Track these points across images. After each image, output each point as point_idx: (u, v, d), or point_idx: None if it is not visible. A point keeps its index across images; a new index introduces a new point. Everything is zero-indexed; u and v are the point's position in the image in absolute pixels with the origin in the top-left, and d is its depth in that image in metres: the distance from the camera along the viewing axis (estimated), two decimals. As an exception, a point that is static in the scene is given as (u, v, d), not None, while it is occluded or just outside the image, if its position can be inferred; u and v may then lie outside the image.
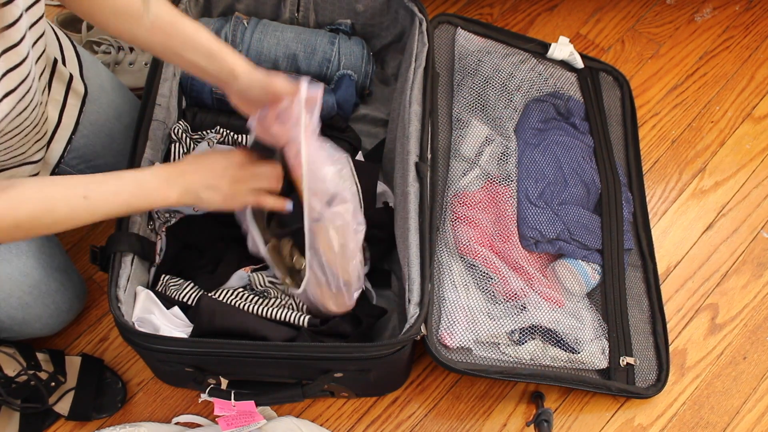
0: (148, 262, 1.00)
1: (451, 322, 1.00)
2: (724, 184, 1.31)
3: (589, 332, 1.06)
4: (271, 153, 0.94)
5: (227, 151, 0.93)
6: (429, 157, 1.04)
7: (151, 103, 1.02)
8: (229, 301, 0.95)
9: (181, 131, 1.08)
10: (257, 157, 0.94)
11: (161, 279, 0.99)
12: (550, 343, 1.04)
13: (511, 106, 1.22)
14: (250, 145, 0.96)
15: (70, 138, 1.01)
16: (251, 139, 0.95)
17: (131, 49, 1.31)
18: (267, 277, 1.00)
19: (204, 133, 1.11)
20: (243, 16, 1.19)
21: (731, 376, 1.14)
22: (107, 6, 0.82)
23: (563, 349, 1.04)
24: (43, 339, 1.10)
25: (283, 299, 0.98)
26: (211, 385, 0.92)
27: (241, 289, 0.99)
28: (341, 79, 1.18)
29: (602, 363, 1.06)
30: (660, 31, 1.48)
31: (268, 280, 1.00)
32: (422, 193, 0.98)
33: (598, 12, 1.49)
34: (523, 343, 1.03)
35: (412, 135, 1.02)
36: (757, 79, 1.42)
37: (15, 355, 1.01)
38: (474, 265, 1.06)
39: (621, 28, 1.48)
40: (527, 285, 1.07)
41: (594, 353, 1.05)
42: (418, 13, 1.14)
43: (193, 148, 1.08)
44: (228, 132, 1.12)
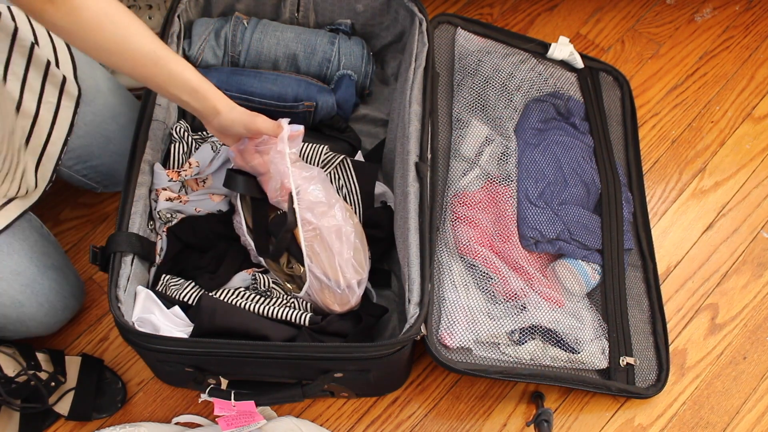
0: (149, 262, 1.00)
1: (451, 322, 1.00)
2: (724, 184, 1.31)
3: (589, 332, 1.06)
4: (252, 177, 1.00)
5: None
6: (429, 157, 1.04)
7: (151, 103, 1.02)
8: (230, 300, 0.95)
9: (182, 131, 1.08)
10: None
11: (162, 279, 0.99)
12: (550, 343, 1.04)
13: (511, 106, 1.22)
14: (227, 171, 1.01)
15: (66, 140, 1.01)
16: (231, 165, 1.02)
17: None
18: (271, 279, 1.00)
19: (204, 133, 1.11)
20: (243, 16, 1.19)
21: (731, 376, 1.14)
22: (91, 40, 0.81)
23: (563, 349, 1.04)
24: (43, 339, 1.10)
25: (286, 298, 0.98)
26: (211, 385, 0.92)
27: (242, 289, 0.99)
28: (341, 79, 1.18)
29: (602, 363, 1.06)
30: (660, 31, 1.48)
31: (272, 282, 1.00)
32: (422, 193, 0.98)
33: (598, 12, 1.49)
34: (523, 343, 1.03)
35: (412, 135, 1.02)
36: (757, 79, 1.42)
37: (15, 355, 1.00)
38: (474, 265, 1.06)
39: (621, 28, 1.48)
40: (527, 285, 1.07)
41: (594, 353, 1.05)
42: (418, 13, 1.14)
43: (195, 148, 1.08)
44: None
